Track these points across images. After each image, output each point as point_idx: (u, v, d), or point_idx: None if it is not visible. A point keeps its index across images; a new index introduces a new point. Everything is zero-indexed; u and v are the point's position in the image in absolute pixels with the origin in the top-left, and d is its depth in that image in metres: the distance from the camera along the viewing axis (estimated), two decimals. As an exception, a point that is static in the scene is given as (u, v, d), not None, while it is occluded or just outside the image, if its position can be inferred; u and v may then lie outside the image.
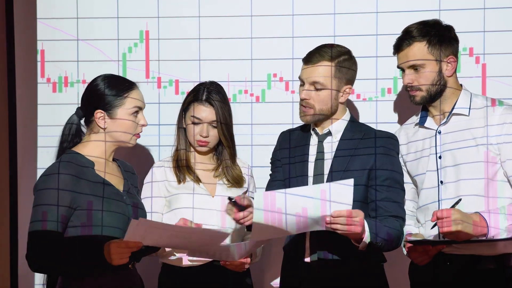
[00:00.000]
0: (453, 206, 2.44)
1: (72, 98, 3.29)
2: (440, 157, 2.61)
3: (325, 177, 2.64)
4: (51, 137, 3.26)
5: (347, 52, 2.68)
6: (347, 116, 2.72)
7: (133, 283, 2.49)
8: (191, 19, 3.25)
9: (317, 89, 2.62)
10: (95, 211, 2.40)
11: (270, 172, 2.85)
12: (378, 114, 3.18)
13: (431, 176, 2.62)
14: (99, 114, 2.50)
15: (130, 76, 3.20)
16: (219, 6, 3.23)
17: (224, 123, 2.76)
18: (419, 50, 2.59)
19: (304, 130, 2.76)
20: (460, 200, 2.48)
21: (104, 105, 2.49)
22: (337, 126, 2.69)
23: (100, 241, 2.34)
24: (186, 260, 2.69)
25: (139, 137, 2.56)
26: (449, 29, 2.65)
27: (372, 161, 2.61)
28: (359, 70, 3.13)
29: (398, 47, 2.64)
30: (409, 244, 2.54)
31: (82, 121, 2.57)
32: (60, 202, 2.37)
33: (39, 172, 3.28)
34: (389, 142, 2.66)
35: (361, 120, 2.88)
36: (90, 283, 2.38)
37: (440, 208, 2.56)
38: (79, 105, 2.58)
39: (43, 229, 2.35)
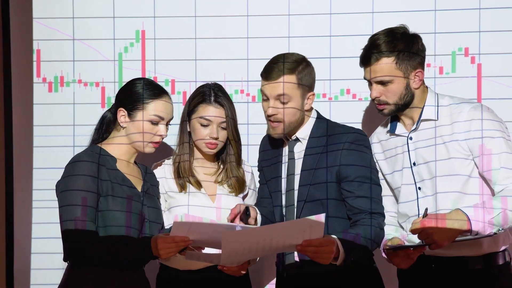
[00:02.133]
0: (423, 217, 2.43)
1: (68, 98, 3.29)
2: (414, 164, 2.60)
3: (295, 192, 2.64)
4: (47, 137, 3.28)
5: (303, 59, 2.66)
6: (314, 115, 2.71)
7: (138, 281, 2.52)
8: (187, 19, 3.25)
9: (282, 103, 2.61)
10: (112, 211, 2.43)
11: (259, 179, 2.88)
12: (373, 114, 3.19)
13: (406, 179, 2.62)
14: (121, 112, 2.55)
15: (126, 76, 3.22)
16: (215, 6, 3.24)
17: (233, 121, 2.75)
18: (387, 66, 2.54)
19: (278, 140, 2.76)
20: (426, 209, 2.46)
21: (127, 105, 2.54)
22: (304, 131, 2.69)
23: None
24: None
25: (156, 146, 2.58)
26: (417, 40, 2.59)
27: (338, 160, 2.59)
28: (355, 70, 3.14)
29: (365, 61, 2.58)
30: (389, 251, 2.53)
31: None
32: (90, 202, 2.40)
33: (35, 172, 3.30)
34: (355, 137, 2.62)
35: (356, 120, 2.89)
36: (95, 275, 2.41)
37: (418, 212, 2.57)
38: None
39: (81, 227, 2.38)
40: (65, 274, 2.48)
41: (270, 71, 2.63)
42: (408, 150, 2.62)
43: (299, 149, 2.70)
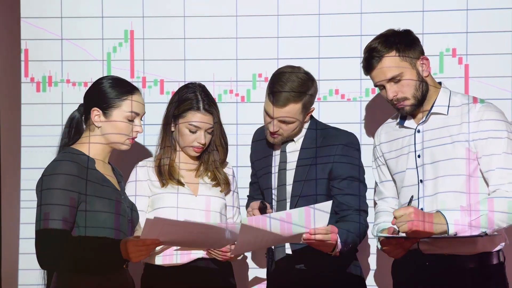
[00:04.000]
0: (408, 204, 2.48)
1: (56, 98, 3.28)
2: (419, 156, 2.63)
3: (288, 187, 2.73)
4: (35, 137, 3.26)
5: (308, 80, 2.71)
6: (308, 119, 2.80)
7: (125, 283, 2.50)
8: (176, 18, 3.25)
9: (285, 123, 2.70)
10: (97, 212, 2.41)
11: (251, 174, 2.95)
12: (362, 114, 3.20)
13: (410, 174, 2.64)
14: (95, 112, 2.51)
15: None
16: (204, 6, 3.24)
17: (220, 127, 2.79)
18: (391, 61, 2.58)
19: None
20: (412, 197, 2.52)
21: (101, 104, 2.51)
22: (300, 133, 2.79)
23: (106, 241, 2.38)
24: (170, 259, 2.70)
25: (133, 141, 2.57)
26: (408, 33, 2.65)
27: (332, 161, 2.70)
28: (344, 70, 3.16)
29: (369, 67, 2.62)
30: (382, 238, 2.56)
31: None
32: (67, 202, 2.37)
33: (23, 172, 3.28)
34: (348, 139, 2.74)
35: (345, 120, 2.91)
36: (86, 283, 2.39)
37: (418, 207, 2.58)
38: (81, 104, 2.60)
39: (53, 227, 2.34)
40: (54, 282, 2.45)
41: (278, 96, 2.67)
42: (415, 142, 2.64)
43: (292, 148, 2.78)
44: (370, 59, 2.60)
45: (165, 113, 2.80)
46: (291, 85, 2.66)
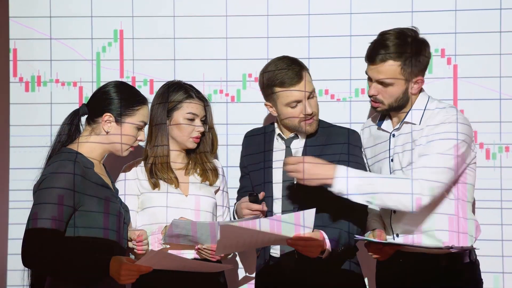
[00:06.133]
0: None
1: (45, 98, 3.26)
2: (392, 160, 2.66)
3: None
4: (24, 137, 3.25)
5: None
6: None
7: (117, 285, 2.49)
8: (166, 18, 3.25)
9: (309, 98, 2.72)
10: (96, 213, 2.41)
11: (240, 176, 2.93)
12: (352, 115, 3.21)
13: (385, 172, 2.68)
14: (107, 117, 2.52)
15: (104, 76, 3.20)
16: (194, 5, 3.23)
17: (211, 115, 2.84)
18: (391, 69, 2.55)
19: (267, 134, 2.85)
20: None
21: (115, 110, 2.52)
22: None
23: (97, 244, 2.38)
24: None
25: (133, 149, 2.60)
26: (425, 46, 2.61)
27: (337, 158, 2.70)
28: (334, 70, 3.16)
29: (372, 58, 2.58)
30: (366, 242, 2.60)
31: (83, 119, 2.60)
32: (66, 202, 2.36)
33: (12, 172, 3.26)
34: (352, 138, 2.76)
35: (335, 120, 2.92)
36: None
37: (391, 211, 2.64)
38: (84, 103, 2.60)
39: (43, 226, 2.32)
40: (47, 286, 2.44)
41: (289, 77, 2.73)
42: (389, 147, 2.67)
43: (296, 145, 2.79)
44: (377, 52, 2.57)
45: (155, 112, 2.80)
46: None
